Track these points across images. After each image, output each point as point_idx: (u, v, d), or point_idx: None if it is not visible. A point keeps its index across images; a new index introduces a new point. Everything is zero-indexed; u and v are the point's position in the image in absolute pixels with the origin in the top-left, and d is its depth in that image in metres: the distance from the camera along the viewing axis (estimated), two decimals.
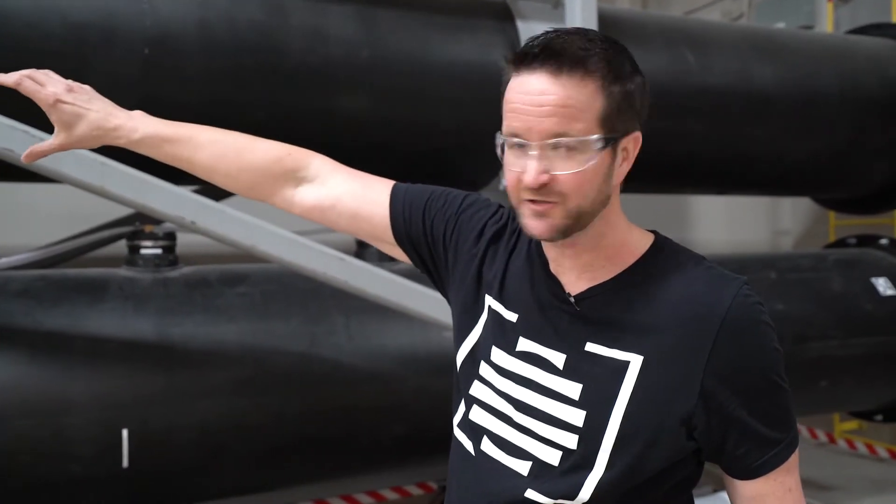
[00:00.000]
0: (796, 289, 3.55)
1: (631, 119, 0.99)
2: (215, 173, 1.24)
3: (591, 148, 0.95)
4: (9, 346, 2.18)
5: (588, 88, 0.94)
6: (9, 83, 1.16)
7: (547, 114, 0.93)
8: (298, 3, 2.62)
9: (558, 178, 0.95)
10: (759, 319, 0.99)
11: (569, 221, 0.97)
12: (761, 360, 0.98)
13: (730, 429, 0.97)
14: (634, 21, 3.38)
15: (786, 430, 1.00)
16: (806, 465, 4.92)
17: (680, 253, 1.05)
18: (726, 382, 0.96)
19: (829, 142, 3.77)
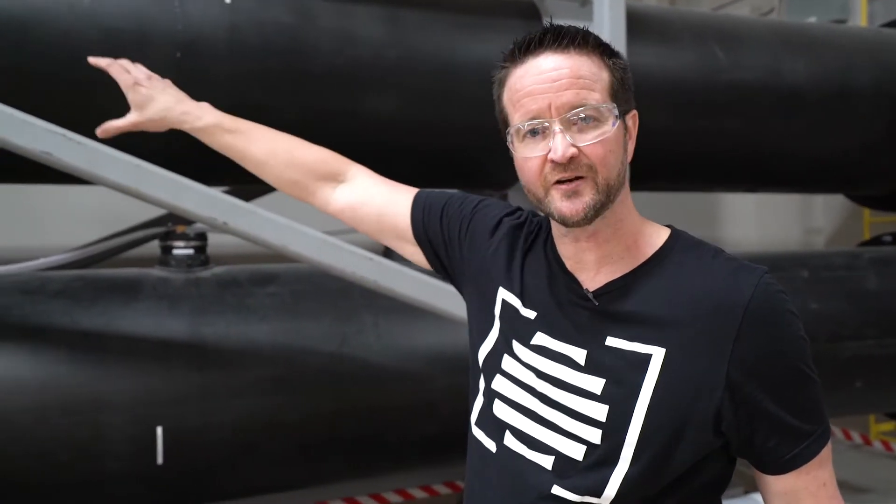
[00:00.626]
0: (830, 287, 3.49)
1: (629, 96, 1.02)
2: (264, 167, 1.36)
3: (609, 115, 0.98)
4: (48, 346, 2.23)
5: (594, 61, 0.98)
6: (101, 65, 1.40)
7: (565, 87, 0.96)
8: (326, 6, 2.64)
9: (584, 150, 0.96)
10: (784, 308, 0.98)
11: (600, 197, 0.97)
12: (788, 350, 0.97)
13: (758, 421, 0.96)
14: (663, 18, 3.34)
15: (817, 422, 0.98)
16: (841, 468, 4.84)
17: (698, 245, 1.04)
18: (753, 373, 0.95)
19: (864, 137, 3.70)
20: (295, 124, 2.63)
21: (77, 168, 1.95)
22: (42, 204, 3.55)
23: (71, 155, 1.93)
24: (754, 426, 0.96)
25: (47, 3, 2.24)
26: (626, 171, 1.03)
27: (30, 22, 2.22)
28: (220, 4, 2.45)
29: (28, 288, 2.34)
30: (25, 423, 2.15)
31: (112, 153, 1.98)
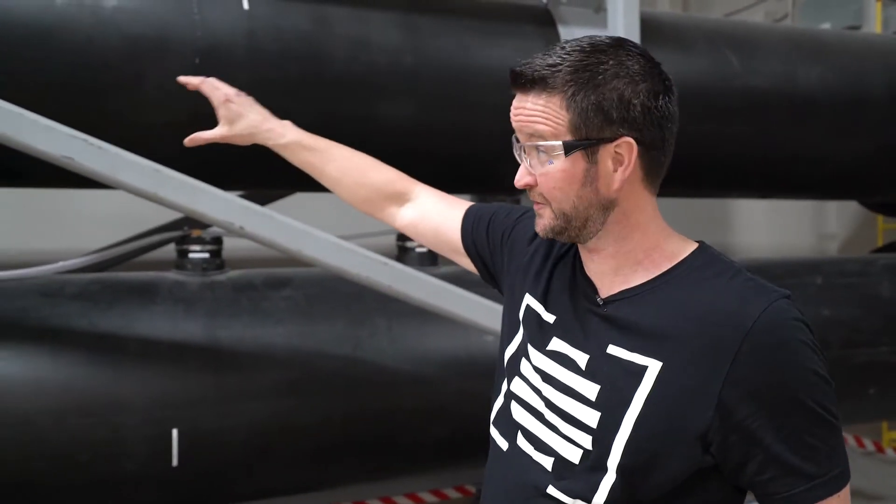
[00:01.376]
0: (844, 294, 3.48)
1: (611, 126, 1.00)
2: (338, 184, 1.49)
3: (555, 153, 1.01)
4: (67, 348, 2.26)
5: (555, 101, 1.01)
6: (193, 84, 1.53)
7: (522, 122, 1.04)
8: (342, 12, 2.67)
9: (538, 180, 1.04)
10: (794, 336, 0.96)
11: (558, 223, 1.05)
12: (791, 381, 0.94)
13: (752, 449, 0.94)
14: (677, 24, 3.35)
15: (826, 466, 0.95)
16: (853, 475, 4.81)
17: (720, 263, 1.04)
18: (749, 398, 0.94)
19: (878, 143, 3.69)
20: (311, 130, 2.66)
21: (98, 173, 1.98)
22: (60, 208, 3.59)
23: (92, 160, 1.96)
24: (748, 454, 0.95)
25: (70, 11, 2.28)
26: (639, 192, 1.04)
27: (53, 29, 2.25)
28: (239, 11, 2.48)
29: (47, 290, 2.37)
30: (44, 424, 2.18)
31: (132, 158, 2.01)
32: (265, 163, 2.75)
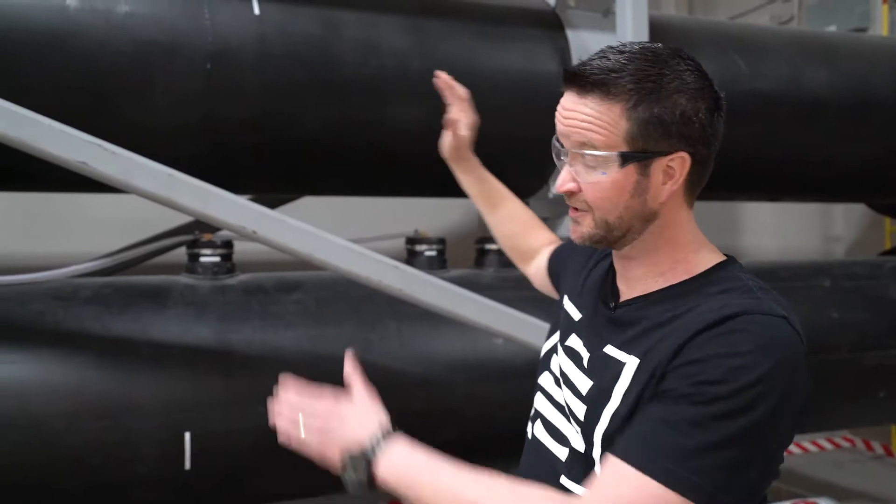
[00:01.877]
0: (852, 297, 3.47)
1: (668, 139, 0.99)
2: (498, 226, 1.68)
3: (603, 164, 1.00)
4: (80, 351, 2.27)
5: (615, 108, 0.98)
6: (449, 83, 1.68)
7: (574, 126, 1.01)
8: (351, 17, 2.68)
9: (582, 187, 1.02)
10: (746, 330, 0.92)
11: (598, 231, 1.04)
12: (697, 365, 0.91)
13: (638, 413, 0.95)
14: (685, 27, 3.36)
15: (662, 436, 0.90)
16: (861, 478, 4.82)
17: (735, 281, 1.03)
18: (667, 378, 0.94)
19: (885, 146, 3.69)
20: (321, 134, 2.68)
21: (112, 177, 1.99)
22: (72, 212, 3.61)
23: (106, 164, 1.97)
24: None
25: (83, 16, 2.29)
26: (676, 208, 1.05)
27: (66, 34, 2.27)
28: (249, 16, 2.49)
29: (61, 294, 2.39)
30: (58, 427, 2.18)
31: (145, 163, 2.03)
32: (273, 167, 2.77)
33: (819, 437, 5.17)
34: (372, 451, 1.02)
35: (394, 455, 1.02)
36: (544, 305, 2.87)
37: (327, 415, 1.07)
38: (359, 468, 1.02)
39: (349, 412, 1.07)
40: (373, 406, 1.08)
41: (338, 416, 1.07)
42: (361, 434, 1.04)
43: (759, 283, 1.04)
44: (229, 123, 2.54)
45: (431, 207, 4.03)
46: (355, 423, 1.05)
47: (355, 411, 1.07)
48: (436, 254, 3.01)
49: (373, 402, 1.10)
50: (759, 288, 1.01)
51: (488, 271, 3.03)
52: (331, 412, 1.08)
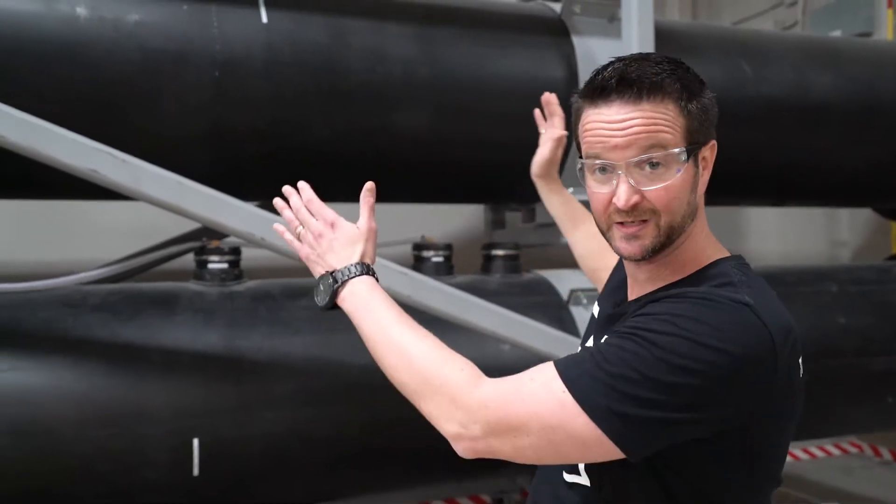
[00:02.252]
0: (859, 302, 3.46)
1: (707, 129, 1.05)
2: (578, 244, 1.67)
3: (676, 161, 1.00)
4: (89, 358, 2.28)
5: (669, 109, 1.00)
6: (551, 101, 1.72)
7: (633, 135, 0.99)
8: (358, 24, 2.70)
9: (649, 195, 1.00)
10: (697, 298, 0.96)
11: (660, 239, 1.03)
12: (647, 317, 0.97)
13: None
14: (690, 32, 3.37)
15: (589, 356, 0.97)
16: (869, 484, 4.78)
17: (723, 276, 1.04)
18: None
19: (891, 150, 3.69)
20: (329, 141, 2.70)
21: (122, 185, 2.01)
22: (83, 218, 3.62)
23: (116, 172, 1.99)
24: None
25: (93, 26, 2.31)
26: (701, 198, 1.08)
27: (77, 44, 2.29)
28: (258, 24, 2.51)
29: (70, 301, 2.40)
30: (67, 434, 2.19)
31: (155, 170, 2.04)
32: (281, 174, 2.78)
33: (827, 443, 5.15)
34: (339, 280, 1.17)
35: (355, 288, 1.17)
36: (550, 311, 2.88)
37: (318, 235, 1.22)
38: (326, 290, 1.18)
39: (336, 240, 1.20)
40: (358, 241, 1.21)
41: (327, 240, 1.21)
42: (336, 263, 1.18)
43: (748, 279, 1.03)
44: (237, 131, 2.55)
45: (438, 213, 4.03)
46: (336, 252, 1.19)
47: (341, 241, 1.20)
48: (442, 260, 3.02)
49: (362, 237, 1.22)
50: (743, 283, 1.01)
51: (495, 277, 3.03)
52: (322, 234, 1.22)
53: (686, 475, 0.99)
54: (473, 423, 0.98)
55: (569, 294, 2.91)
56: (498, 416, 0.97)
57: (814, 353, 3.23)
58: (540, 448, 0.96)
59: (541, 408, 0.95)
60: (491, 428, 0.97)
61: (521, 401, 0.96)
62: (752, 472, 1.00)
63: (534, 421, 0.95)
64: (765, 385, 0.95)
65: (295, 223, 1.26)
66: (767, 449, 1.01)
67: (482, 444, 0.98)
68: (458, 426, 0.99)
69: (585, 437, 0.93)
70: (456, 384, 1.01)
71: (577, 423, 0.93)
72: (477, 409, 0.98)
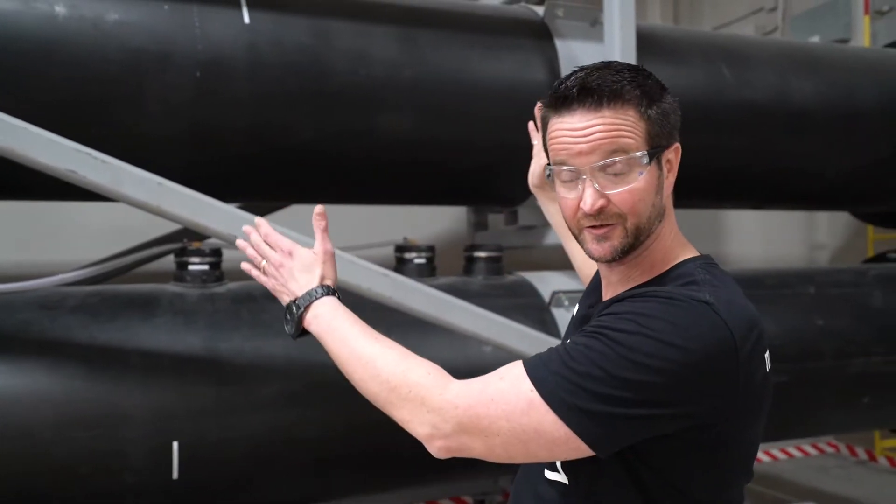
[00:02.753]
0: (837, 304, 3.51)
1: (669, 133, 1.08)
2: (576, 253, 1.54)
3: (638, 164, 1.03)
4: (66, 361, 2.25)
5: (629, 115, 1.03)
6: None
7: (595, 140, 1.03)
8: (342, 26, 2.69)
9: (614, 199, 1.04)
10: (658, 300, 0.99)
11: (629, 240, 1.06)
12: (612, 317, 1.00)
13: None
14: (672, 37, 3.39)
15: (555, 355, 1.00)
16: (845, 483, 4.84)
17: (687, 276, 1.07)
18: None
19: (869, 156, 3.74)
20: (312, 142, 2.69)
21: (101, 186, 1.98)
22: (61, 220, 3.58)
23: (95, 173, 1.97)
24: None
25: (72, 24, 2.29)
26: (669, 199, 1.10)
27: (56, 42, 2.26)
28: (240, 25, 2.50)
29: (47, 303, 2.37)
30: (45, 437, 2.16)
31: (135, 171, 2.02)
32: (263, 175, 2.77)
33: (804, 443, 5.21)
34: (301, 306, 1.21)
35: (318, 310, 1.21)
36: (532, 313, 2.89)
37: (279, 265, 1.26)
38: (292, 317, 1.23)
39: (295, 267, 1.25)
40: (315, 266, 1.25)
41: (287, 269, 1.26)
42: (297, 289, 1.23)
43: (711, 277, 1.06)
44: (220, 132, 2.54)
45: (420, 215, 4.04)
46: (297, 279, 1.24)
47: (300, 268, 1.25)
48: (425, 261, 3.02)
49: (319, 261, 1.26)
50: (706, 282, 1.04)
51: (477, 279, 3.04)
52: (282, 264, 1.26)
53: (657, 468, 1.01)
54: (444, 422, 1.01)
55: (551, 296, 2.92)
56: (469, 416, 1.00)
57: (793, 355, 3.28)
58: (510, 446, 0.99)
59: (509, 407, 0.98)
60: (462, 427, 1.00)
61: (489, 400, 0.99)
62: (721, 466, 1.03)
63: (503, 420, 0.98)
64: (727, 380, 0.98)
65: (258, 259, 1.30)
66: (735, 443, 1.04)
67: (454, 442, 1.01)
68: (429, 427, 1.02)
69: (554, 435, 0.96)
70: (425, 387, 1.04)
71: (546, 422, 0.96)
72: (447, 409, 1.01)
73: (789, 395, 3.12)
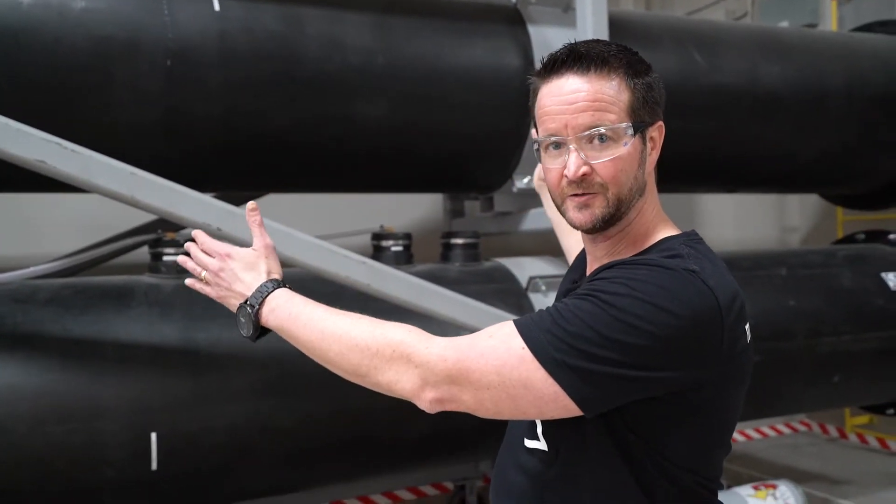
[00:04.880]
0: (807, 285, 3.58)
1: (654, 109, 1.10)
2: (572, 250, 1.52)
3: (623, 135, 1.06)
4: (40, 354, 2.22)
5: (614, 82, 1.06)
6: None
7: (581, 109, 1.05)
8: (315, 13, 2.67)
9: (597, 168, 1.06)
10: (649, 267, 1.00)
11: (610, 210, 1.08)
12: (603, 281, 1.02)
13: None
14: (644, 22, 3.42)
15: (546, 315, 1.01)
16: (817, 461, 4.93)
17: (671, 249, 1.09)
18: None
19: (837, 139, 3.81)
20: (286, 130, 2.67)
21: (71, 176, 1.96)
22: (31, 212, 3.52)
23: (65, 163, 1.94)
24: None
25: (37, 11, 2.24)
26: (651, 177, 1.12)
27: (20, 30, 2.22)
28: (210, 12, 2.47)
29: (19, 296, 2.33)
30: (20, 431, 2.14)
31: (107, 161, 2.00)
32: (237, 164, 2.75)
33: (777, 422, 5.32)
34: (255, 303, 1.18)
35: (273, 304, 1.17)
36: (509, 298, 2.91)
37: (219, 270, 1.23)
38: (247, 319, 1.19)
39: (237, 268, 1.22)
40: (258, 261, 1.22)
41: (228, 272, 1.22)
42: (245, 289, 1.20)
43: (695, 251, 1.08)
44: (192, 120, 2.51)
45: (397, 203, 4.03)
46: (241, 279, 1.21)
47: (242, 267, 1.22)
48: (402, 249, 3.02)
49: (262, 257, 1.24)
50: (690, 255, 1.06)
51: (454, 265, 3.05)
52: (222, 269, 1.23)
53: (641, 433, 1.03)
54: (433, 374, 1.01)
55: (528, 281, 2.94)
56: (458, 368, 1.00)
57: (766, 335, 3.34)
58: (500, 401, 0.99)
59: (499, 362, 0.98)
60: (451, 377, 1.00)
61: (479, 355, 1.00)
62: (704, 432, 1.06)
63: (493, 374, 0.98)
64: (713, 345, 1.01)
65: (197, 270, 1.27)
66: (717, 410, 1.06)
67: (444, 392, 1.01)
68: (418, 379, 1.02)
69: (543, 392, 0.98)
70: (409, 344, 1.04)
71: (536, 378, 0.97)
72: (436, 361, 1.01)
73: (763, 374, 3.17)
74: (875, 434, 4.94)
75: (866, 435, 4.98)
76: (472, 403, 1.01)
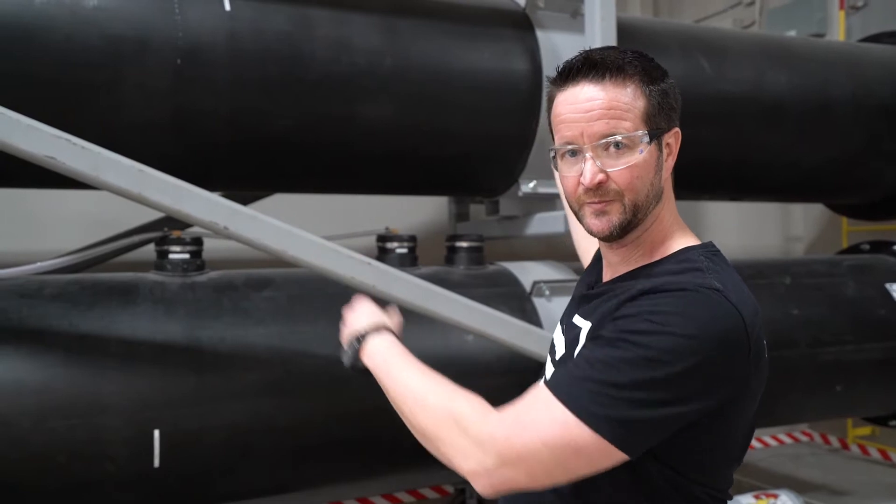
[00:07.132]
0: (811, 294, 3.57)
1: (669, 115, 1.10)
2: (587, 253, 1.52)
3: (638, 143, 1.06)
4: (46, 349, 2.23)
5: (629, 90, 1.06)
6: None
7: (597, 117, 1.05)
8: (323, 14, 2.68)
9: (612, 176, 1.06)
10: (671, 295, 0.99)
11: (626, 217, 1.08)
12: (627, 319, 1.00)
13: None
14: (651, 29, 3.42)
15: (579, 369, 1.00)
16: (819, 471, 4.91)
17: (691, 261, 1.08)
18: (604, 328, 1.04)
19: (843, 148, 3.81)
20: (293, 130, 2.68)
21: (81, 173, 1.97)
22: (39, 208, 3.54)
23: (75, 159, 1.95)
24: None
25: (50, 9, 2.26)
26: (668, 183, 1.12)
27: (33, 27, 2.24)
28: (220, 12, 2.48)
29: (26, 291, 2.35)
30: (24, 426, 2.15)
31: (116, 158, 2.00)
32: (245, 164, 2.76)
33: (779, 432, 5.31)
34: (361, 339, 1.29)
35: (375, 346, 1.26)
36: (513, 302, 2.91)
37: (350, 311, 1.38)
38: (351, 350, 1.29)
39: (364, 311, 1.36)
40: (376, 311, 1.36)
41: (354, 312, 1.37)
42: (359, 326, 1.31)
43: (714, 265, 1.08)
44: (200, 119, 2.52)
45: (402, 205, 4.04)
46: (359, 318, 1.34)
47: (368, 313, 1.36)
48: (407, 251, 3.03)
49: (379, 309, 1.37)
50: (710, 269, 1.06)
51: (458, 269, 3.05)
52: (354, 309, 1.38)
53: (660, 455, 1.03)
54: (485, 455, 0.99)
55: (532, 286, 2.94)
56: (507, 446, 0.98)
57: (769, 343, 3.31)
58: (552, 471, 0.98)
59: (544, 432, 0.97)
60: (502, 459, 0.99)
61: (523, 428, 0.98)
62: (719, 447, 1.06)
63: (540, 445, 0.97)
64: (742, 364, 1.01)
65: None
66: (738, 425, 1.07)
67: (497, 477, 0.99)
68: (474, 463, 1.00)
69: (591, 450, 0.96)
70: (467, 419, 1.03)
71: (582, 439, 0.96)
72: (487, 440, 1.00)
73: (767, 383, 3.17)
74: (877, 445, 4.92)
75: (868, 446, 4.96)
76: (527, 480, 0.99)
